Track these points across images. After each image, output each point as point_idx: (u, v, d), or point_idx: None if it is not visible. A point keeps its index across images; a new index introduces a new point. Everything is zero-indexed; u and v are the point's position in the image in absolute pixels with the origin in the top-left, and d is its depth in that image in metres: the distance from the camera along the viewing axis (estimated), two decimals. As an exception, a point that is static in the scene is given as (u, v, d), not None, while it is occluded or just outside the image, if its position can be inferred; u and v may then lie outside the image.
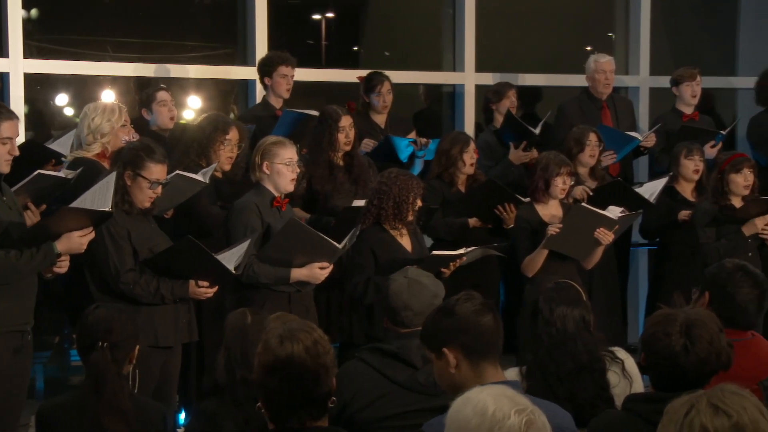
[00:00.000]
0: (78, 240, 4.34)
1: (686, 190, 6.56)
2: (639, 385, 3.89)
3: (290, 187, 5.19)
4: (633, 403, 3.07)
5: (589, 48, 8.17)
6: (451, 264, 5.32)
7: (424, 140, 6.53)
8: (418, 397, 3.46)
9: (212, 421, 3.48)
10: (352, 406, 3.46)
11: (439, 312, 3.04)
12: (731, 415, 2.08)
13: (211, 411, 3.51)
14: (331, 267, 5.10)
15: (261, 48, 6.99)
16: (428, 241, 6.19)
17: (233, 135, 5.59)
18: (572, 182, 5.94)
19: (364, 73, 6.88)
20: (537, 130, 6.70)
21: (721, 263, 3.92)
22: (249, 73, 6.94)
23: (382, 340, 3.85)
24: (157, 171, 4.70)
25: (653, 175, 7.27)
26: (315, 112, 6.12)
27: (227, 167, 5.61)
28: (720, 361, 2.98)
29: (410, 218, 5.28)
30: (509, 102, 7.00)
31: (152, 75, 6.90)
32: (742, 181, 6.12)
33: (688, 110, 7.33)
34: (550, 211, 5.91)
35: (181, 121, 6.66)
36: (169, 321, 4.75)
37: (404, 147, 6.46)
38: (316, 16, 7.94)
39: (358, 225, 5.22)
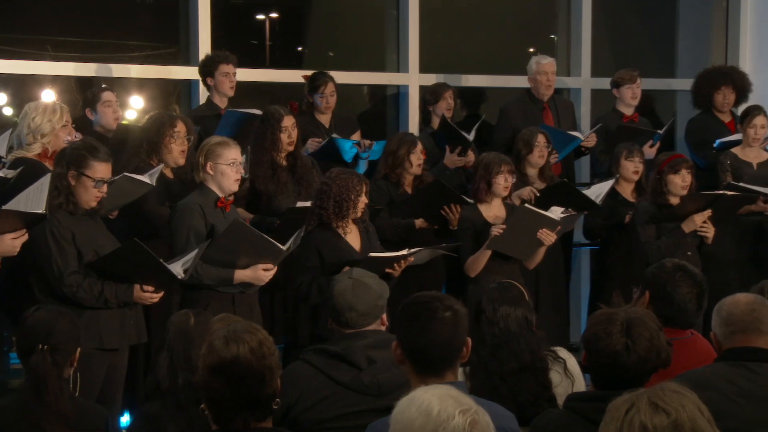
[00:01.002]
0: (10, 242, 4.27)
1: (626, 190, 6.65)
2: (581, 384, 3.93)
3: (234, 188, 5.17)
4: (574, 401, 3.10)
5: (531, 49, 8.24)
6: (396, 265, 5.32)
7: (368, 142, 6.53)
8: (363, 398, 3.46)
9: (155, 423, 3.45)
10: (297, 407, 3.45)
11: None
12: (670, 413, 2.11)
13: (153, 414, 3.48)
14: (276, 268, 5.09)
15: (204, 48, 6.95)
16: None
17: (180, 127, 5.58)
18: (514, 180, 5.99)
19: (308, 73, 6.87)
20: (471, 136, 6.73)
21: (661, 263, 3.98)
22: (191, 73, 6.90)
23: (327, 340, 3.85)
24: (101, 170, 4.64)
25: (595, 176, 7.37)
26: (259, 112, 6.10)
27: (182, 161, 5.58)
28: (660, 358, 3.03)
29: (353, 216, 5.29)
30: (446, 104, 7.03)
31: (93, 74, 6.82)
32: (680, 181, 6.22)
33: (628, 111, 7.42)
34: (493, 211, 5.95)
35: (123, 122, 6.60)
36: (115, 323, 4.69)
37: (348, 148, 6.46)
38: (260, 16, 7.90)
39: (303, 226, 5.22)
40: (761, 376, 3.34)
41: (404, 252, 5.33)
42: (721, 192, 6.33)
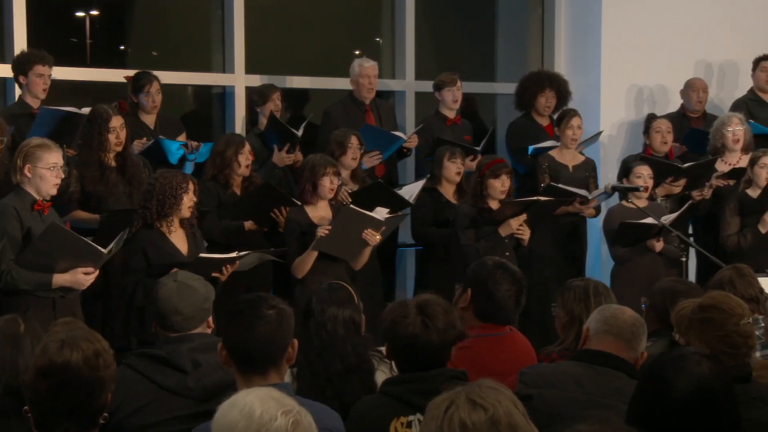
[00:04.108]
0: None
1: (448, 191, 6.80)
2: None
3: (53, 191, 5.04)
4: (388, 386, 3.21)
5: (357, 52, 8.31)
6: (224, 268, 5.30)
7: (195, 143, 6.46)
8: (188, 402, 3.42)
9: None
10: (120, 412, 3.38)
11: None
12: (488, 409, 2.17)
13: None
14: (97, 272, 4.99)
15: (20, 45, 6.70)
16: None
17: None
18: (339, 182, 6.04)
19: (131, 72, 6.74)
20: (300, 132, 6.76)
21: (482, 261, 4.08)
22: (6, 70, 6.66)
23: (152, 344, 3.80)
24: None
25: (419, 179, 7.49)
26: (76, 109, 5.96)
27: None
28: (456, 330, 3.19)
29: (178, 215, 5.25)
30: (273, 105, 7.02)
31: None
32: (500, 186, 6.39)
33: (451, 114, 7.56)
34: (319, 213, 5.98)
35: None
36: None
37: (175, 150, 6.38)
38: (80, 14, 7.69)
39: (126, 228, 5.14)
40: (607, 381, 3.36)
41: (234, 254, 5.31)
42: (535, 198, 6.54)
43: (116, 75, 7.02)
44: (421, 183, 6.67)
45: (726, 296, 3.61)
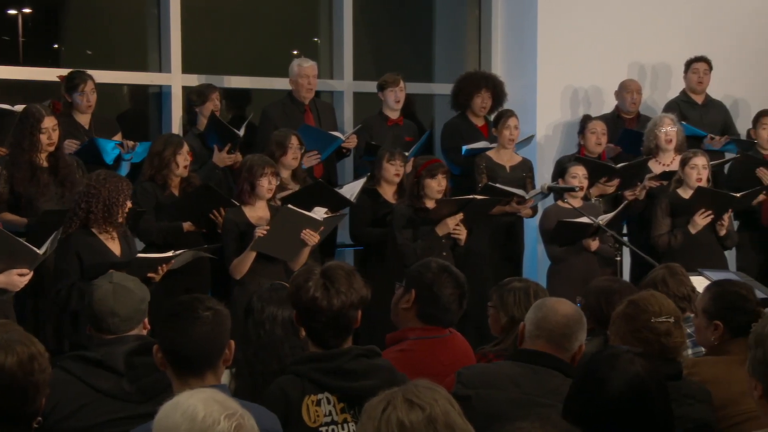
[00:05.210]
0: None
1: (388, 192, 6.82)
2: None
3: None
4: (297, 365, 3.25)
5: (295, 52, 8.30)
6: (159, 268, 5.26)
7: (131, 143, 6.41)
8: (124, 405, 3.39)
9: None
10: (54, 416, 3.35)
11: None
12: (425, 408, 2.19)
13: None
14: (32, 273, 4.92)
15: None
16: (140, 245, 6.09)
17: None
18: (278, 182, 6.03)
19: (65, 72, 6.65)
20: (241, 132, 6.73)
21: (425, 263, 4.09)
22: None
23: (87, 347, 3.76)
24: None
25: (357, 178, 7.49)
26: (8, 106, 5.87)
27: None
28: (359, 294, 3.26)
29: (120, 220, 5.21)
30: (212, 105, 6.98)
31: None
32: (436, 185, 6.43)
33: (393, 115, 7.59)
34: (257, 213, 5.97)
35: None
36: None
37: (110, 149, 6.32)
38: (12, 12, 7.57)
39: (60, 229, 5.08)
40: (544, 381, 3.38)
41: (170, 254, 5.28)
42: (471, 197, 6.59)
43: (50, 74, 6.92)
44: (361, 182, 6.69)
45: (651, 294, 3.67)
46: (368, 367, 3.21)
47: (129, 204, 5.25)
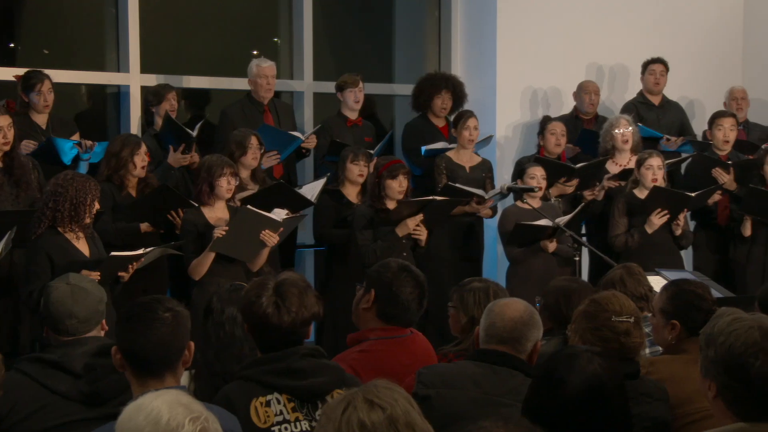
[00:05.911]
0: None
1: (351, 193, 6.82)
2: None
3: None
4: (244, 369, 3.24)
5: (255, 52, 8.27)
6: (129, 267, 5.24)
7: (89, 143, 6.36)
8: (81, 407, 3.37)
9: None
10: (10, 418, 3.33)
11: None
12: (385, 408, 2.18)
13: None
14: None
15: None
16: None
17: None
18: (237, 183, 6.01)
19: (21, 71, 6.58)
20: (195, 132, 6.70)
21: (386, 263, 4.09)
22: None
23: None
24: None
25: (317, 179, 7.48)
26: None
27: None
28: (310, 311, 3.26)
29: (87, 221, 5.19)
30: (169, 104, 6.95)
31: None
32: (397, 186, 6.44)
33: (352, 115, 7.58)
34: (216, 213, 5.94)
35: None
36: None
37: (68, 149, 6.26)
38: (-33, 11, 7.50)
39: (14, 229, 5.05)
40: (504, 380, 3.39)
41: (141, 251, 5.28)
42: (431, 198, 6.61)
43: (5, 73, 6.85)
44: (321, 182, 6.68)
45: (612, 294, 3.71)
46: (316, 365, 3.21)
47: (97, 205, 5.23)
